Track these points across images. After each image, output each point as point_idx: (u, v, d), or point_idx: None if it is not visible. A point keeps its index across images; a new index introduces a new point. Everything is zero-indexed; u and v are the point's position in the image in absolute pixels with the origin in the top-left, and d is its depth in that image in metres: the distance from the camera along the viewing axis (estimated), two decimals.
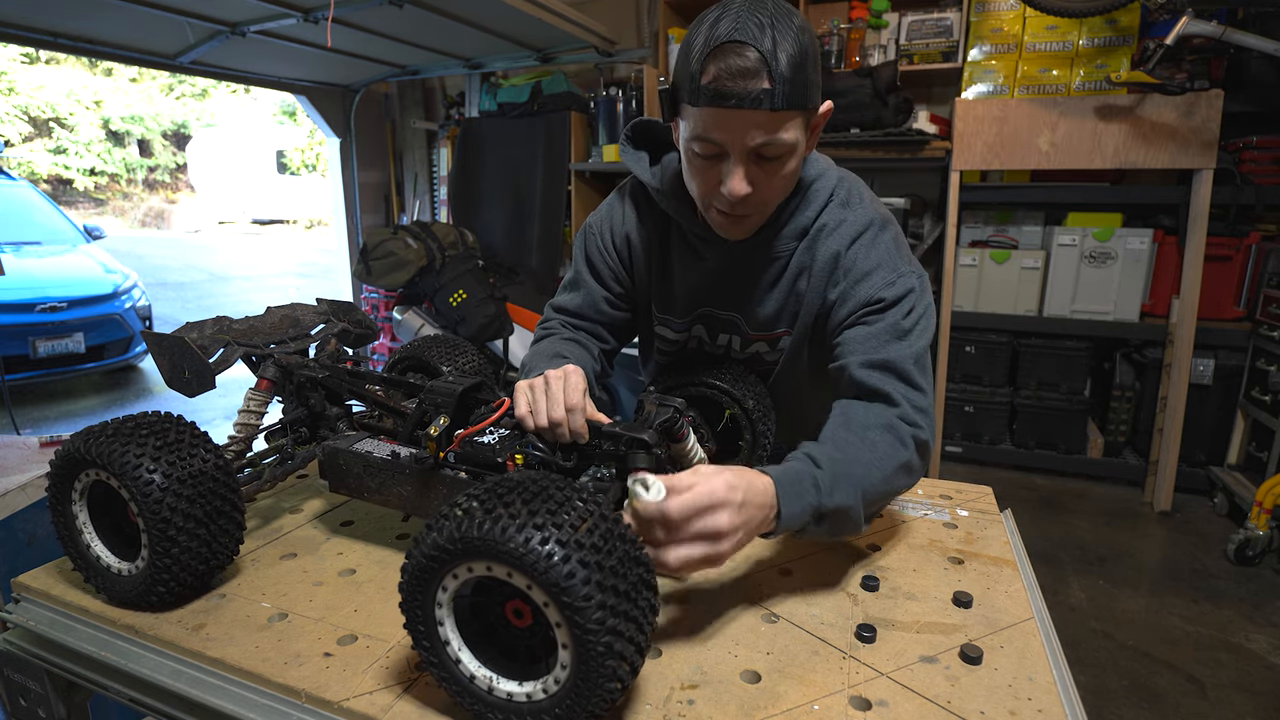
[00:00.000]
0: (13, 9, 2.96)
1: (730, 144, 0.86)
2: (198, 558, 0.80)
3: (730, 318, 1.13)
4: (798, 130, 0.88)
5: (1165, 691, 2.04)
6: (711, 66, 0.83)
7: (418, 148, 5.18)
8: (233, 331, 1.09)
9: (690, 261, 1.11)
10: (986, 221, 3.65)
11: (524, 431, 0.87)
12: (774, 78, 0.81)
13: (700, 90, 0.84)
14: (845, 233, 1.01)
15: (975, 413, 3.59)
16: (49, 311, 4.74)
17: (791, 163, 0.91)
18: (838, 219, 1.02)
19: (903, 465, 0.87)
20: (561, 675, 0.60)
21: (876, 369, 0.92)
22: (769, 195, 0.94)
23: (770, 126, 0.85)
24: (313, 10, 3.11)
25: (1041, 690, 0.70)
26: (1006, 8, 3.27)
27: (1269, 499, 2.64)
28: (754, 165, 0.89)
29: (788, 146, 0.87)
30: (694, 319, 1.16)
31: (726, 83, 0.82)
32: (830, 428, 0.89)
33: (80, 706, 0.91)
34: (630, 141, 1.11)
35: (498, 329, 3.74)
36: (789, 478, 0.77)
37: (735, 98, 0.82)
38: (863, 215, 1.02)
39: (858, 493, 0.81)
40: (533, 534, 0.57)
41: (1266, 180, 3.04)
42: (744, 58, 0.81)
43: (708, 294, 1.12)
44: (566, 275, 1.24)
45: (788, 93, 0.82)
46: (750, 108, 0.82)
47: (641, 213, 1.14)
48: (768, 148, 0.86)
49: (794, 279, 1.06)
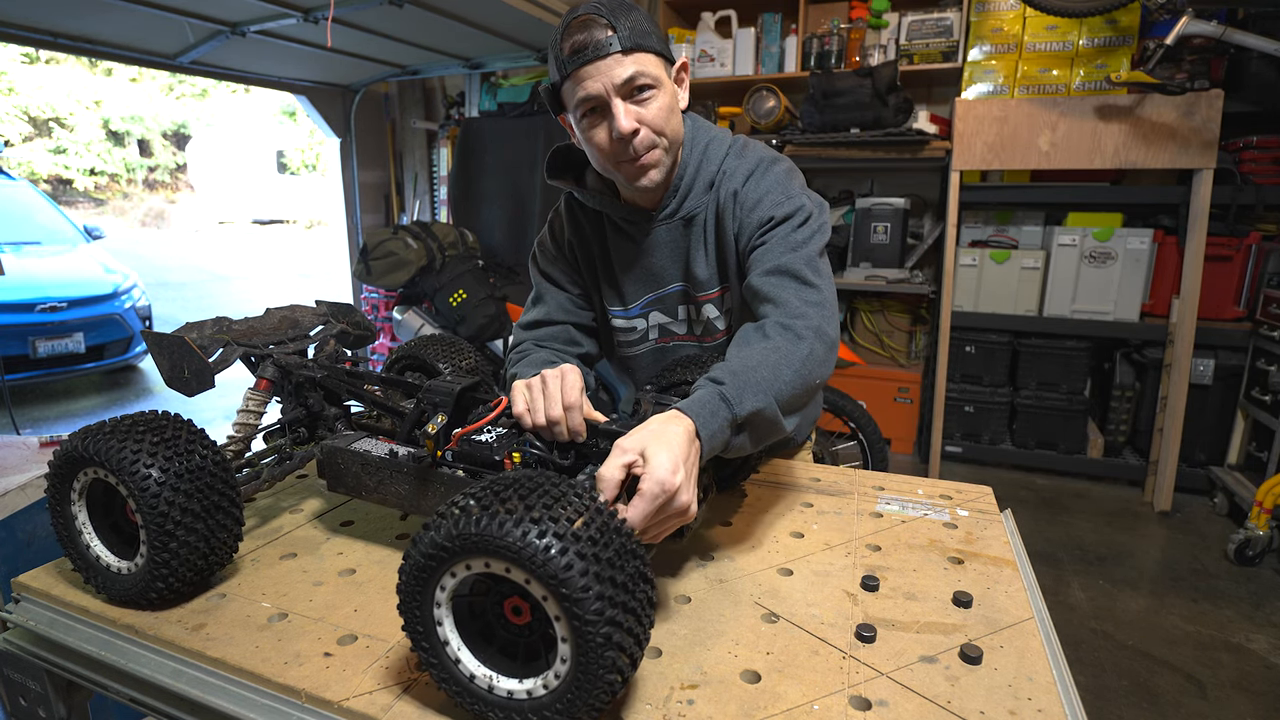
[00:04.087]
0: (13, 9, 2.96)
1: (604, 90, 0.99)
2: (196, 553, 0.81)
3: (678, 289, 1.21)
4: (655, 67, 1.01)
5: (1165, 691, 2.04)
6: (566, 42, 0.98)
7: (418, 148, 5.18)
8: (232, 332, 1.09)
9: (626, 247, 1.21)
10: (986, 221, 3.65)
11: (521, 430, 0.88)
12: (615, 28, 0.97)
13: (565, 62, 0.99)
14: (740, 172, 1.12)
15: (975, 413, 3.59)
16: (49, 311, 4.74)
17: (662, 96, 1.02)
18: (733, 166, 1.14)
19: (805, 357, 0.91)
20: (561, 669, 0.60)
21: (772, 275, 1.01)
22: (657, 124, 1.03)
23: (626, 64, 0.98)
24: (313, 10, 3.11)
25: (1041, 690, 0.70)
26: (1006, 8, 3.27)
27: (1269, 499, 2.64)
28: (631, 103, 1.01)
29: (651, 77, 1.00)
30: (646, 305, 1.24)
31: (579, 45, 0.97)
32: (730, 350, 0.94)
33: (80, 706, 0.91)
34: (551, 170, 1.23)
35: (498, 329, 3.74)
36: (698, 405, 0.82)
37: (590, 50, 0.97)
38: (753, 157, 1.14)
39: (768, 394, 0.85)
40: (530, 528, 0.57)
41: (1266, 180, 3.04)
42: (587, 22, 0.97)
43: (647, 272, 1.21)
44: (528, 299, 1.33)
45: (629, 36, 0.97)
46: (604, 55, 0.97)
47: (575, 219, 1.26)
48: (634, 80, 0.99)
49: (716, 233, 1.15)
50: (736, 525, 1.05)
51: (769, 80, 3.68)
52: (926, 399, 3.67)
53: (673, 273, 1.20)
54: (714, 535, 1.02)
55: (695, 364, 1.12)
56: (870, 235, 3.61)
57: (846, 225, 3.74)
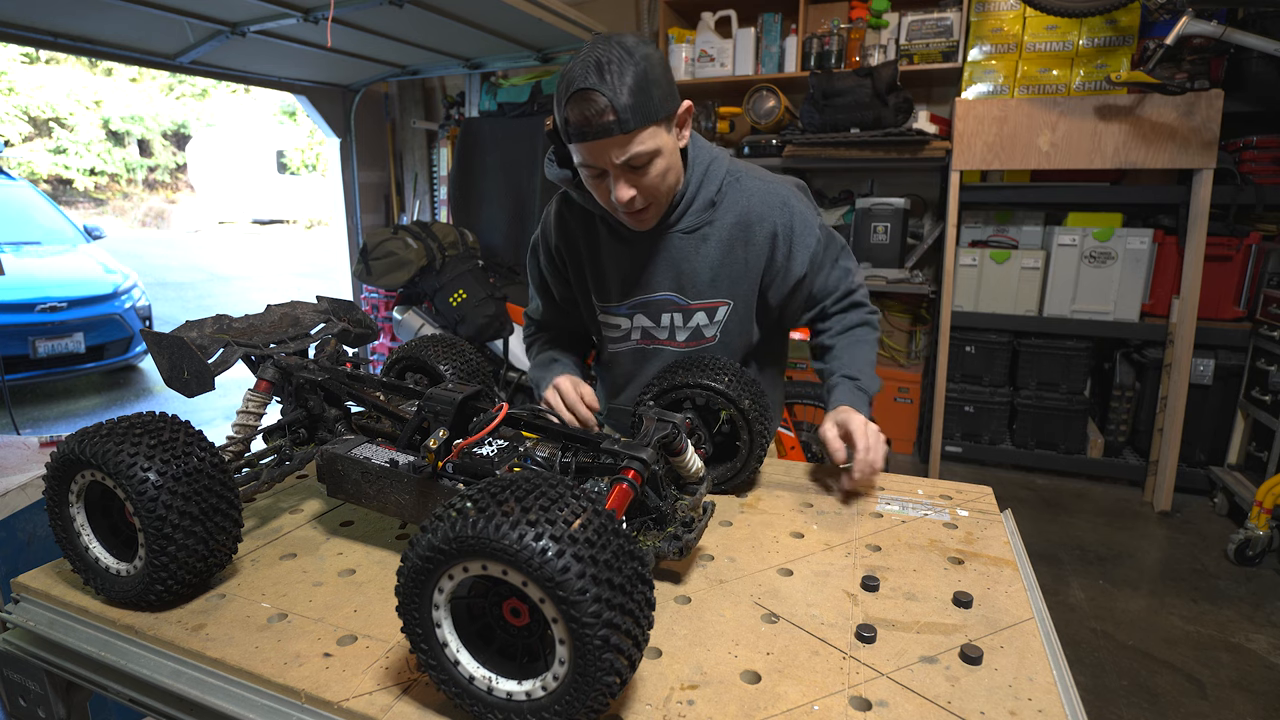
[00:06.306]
0: (13, 9, 2.96)
1: (605, 165, 1.06)
2: (195, 555, 0.80)
3: (665, 297, 1.28)
4: (656, 138, 1.06)
5: (1165, 691, 2.04)
6: (571, 113, 1.02)
7: (418, 148, 5.18)
8: (232, 330, 1.09)
9: (618, 250, 1.27)
10: (986, 221, 3.65)
11: (520, 443, 0.91)
12: (617, 109, 1.00)
13: (569, 133, 1.04)
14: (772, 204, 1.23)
15: (975, 413, 3.59)
16: (49, 311, 4.74)
17: (660, 162, 1.08)
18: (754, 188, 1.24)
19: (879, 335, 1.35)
20: (560, 671, 0.60)
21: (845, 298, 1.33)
22: (653, 193, 1.12)
23: (626, 145, 1.03)
24: (313, 10, 3.10)
25: (1041, 690, 0.70)
26: (1006, 8, 3.27)
27: (1269, 499, 2.64)
28: (630, 174, 1.07)
29: (650, 153, 1.06)
30: (633, 306, 1.30)
31: (582, 125, 1.02)
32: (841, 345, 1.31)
33: (80, 706, 0.91)
34: (553, 161, 1.26)
35: (498, 329, 3.74)
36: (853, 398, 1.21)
37: (593, 132, 1.01)
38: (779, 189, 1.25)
39: (873, 371, 1.28)
40: (527, 530, 0.57)
41: (1266, 180, 3.03)
42: (592, 101, 0.99)
43: (640, 276, 1.27)
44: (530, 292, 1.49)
45: (633, 116, 1.01)
46: (606, 137, 1.02)
47: (565, 219, 1.31)
48: (633, 160, 1.05)
49: (727, 249, 1.24)
50: (736, 526, 1.05)
51: (769, 80, 3.68)
52: (926, 399, 3.67)
53: (662, 281, 1.27)
54: (714, 536, 1.02)
55: (696, 365, 1.12)
56: (870, 235, 3.61)
57: (846, 225, 3.74)
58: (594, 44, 1.03)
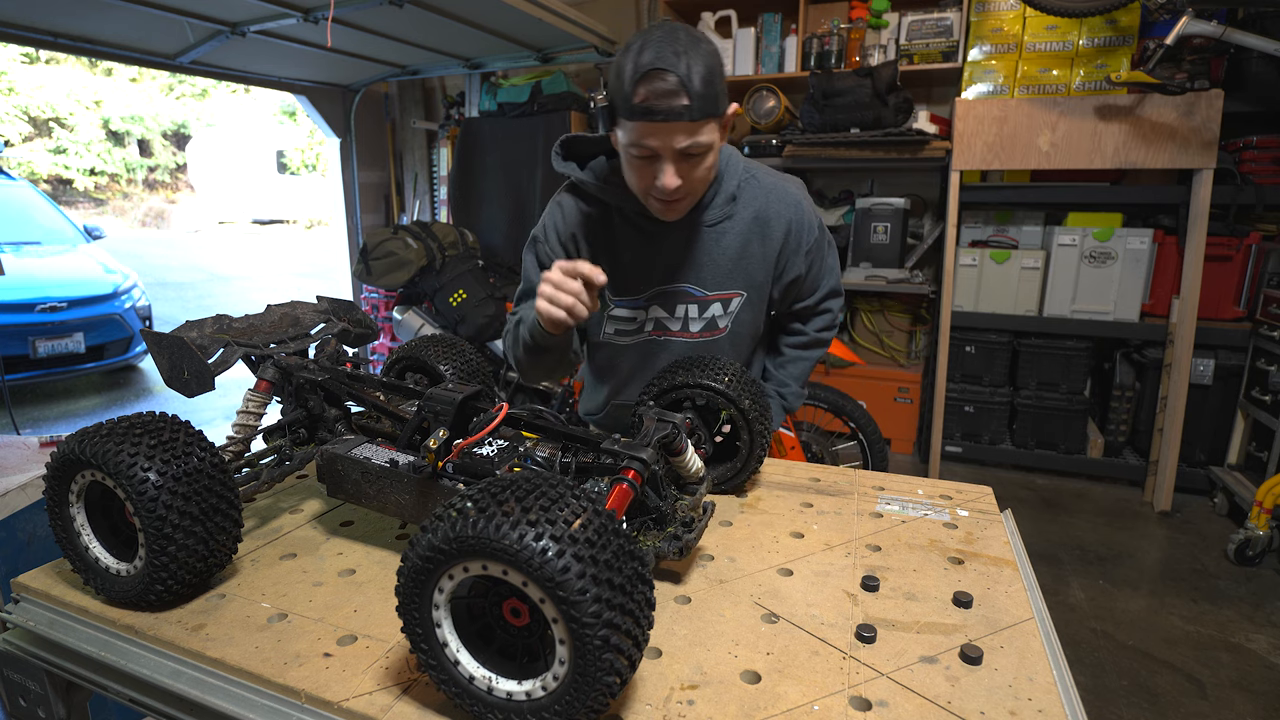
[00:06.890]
0: (13, 9, 2.96)
1: (661, 149, 1.06)
2: (195, 556, 0.80)
3: (683, 288, 1.29)
4: (713, 132, 1.08)
5: (1165, 691, 2.04)
6: (641, 89, 1.01)
7: (418, 148, 5.18)
8: (232, 330, 1.09)
9: (636, 241, 1.27)
10: (986, 221, 3.65)
11: (521, 443, 0.90)
12: (691, 95, 1.01)
13: (634, 109, 1.03)
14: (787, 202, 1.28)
15: (975, 413, 3.59)
16: (49, 311, 4.74)
17: (710, 157, 1.12)
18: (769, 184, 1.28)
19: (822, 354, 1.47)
20: (560, 671, 0.60)
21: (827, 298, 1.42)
22: (695, 185, 1.14)
23: (691, 132, 1.05)
24: (313, 10, 3.10)
25: (1041, 690, 0.70)
26: (1006, 8, 3.27)
27: (1269, 499, 2.64)
28: (681, 162, 1.09)
29: (707, 146, 1.08)
30: (649, 296, 1.30)
31: (654, 102, 1.01)
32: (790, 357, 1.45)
33: (80, 706, 0.91)
34: (560, 155, 1.29)
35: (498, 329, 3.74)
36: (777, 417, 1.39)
37: (662, 114, 1.01)
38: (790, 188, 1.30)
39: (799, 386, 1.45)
40: (527, 530, 0.57)
41: (1266, 180, 3.03)
42: (666, 81, 1.00)
43: (658, 267, 1.28)
44: (519, 288, 1.36)
45: (702, 106, 1.02)
46: (674, 120, 1.02)
47: (581, 210, 1.30)
48: (691, 149, 1.06)
49: (744, 242, 1.27)
50: (736, 525, 1.05)
51: (769, 80, 3.68)
52: (926, 399, 3.67)
53: (682, 272, 1.28)
54: (714, 536, 1.02)
55: (696, 365, 1.12)
56: (870, 235, 3.61)
57: (846, 225, 3.74)
58: (665, 27, 1.04)
